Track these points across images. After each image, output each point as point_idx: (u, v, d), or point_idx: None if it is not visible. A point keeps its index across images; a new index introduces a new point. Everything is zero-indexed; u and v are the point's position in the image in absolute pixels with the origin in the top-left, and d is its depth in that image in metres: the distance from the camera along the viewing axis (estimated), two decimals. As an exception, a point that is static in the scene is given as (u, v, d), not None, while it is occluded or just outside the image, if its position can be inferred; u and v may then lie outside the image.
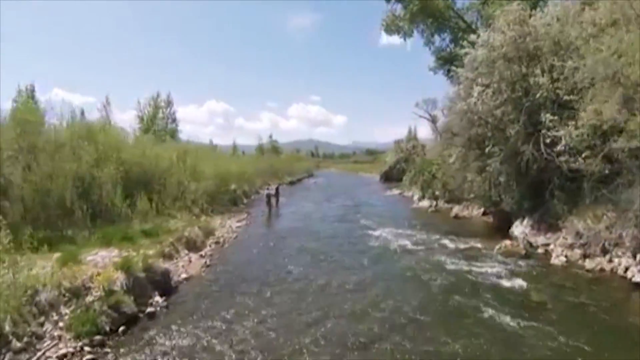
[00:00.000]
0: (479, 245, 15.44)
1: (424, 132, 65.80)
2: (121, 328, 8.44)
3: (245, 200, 29.59)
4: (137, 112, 37.73)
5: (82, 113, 21.22)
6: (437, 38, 30.30)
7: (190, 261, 13.49)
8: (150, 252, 11.88)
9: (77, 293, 8.79)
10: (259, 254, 15.06)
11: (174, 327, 8.61)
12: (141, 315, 9.20)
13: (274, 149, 72.67)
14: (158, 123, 39.42)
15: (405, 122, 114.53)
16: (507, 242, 15.28)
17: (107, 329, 8.25)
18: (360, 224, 20.82)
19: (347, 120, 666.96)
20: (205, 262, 13.54)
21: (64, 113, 17.21)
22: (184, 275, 12.02)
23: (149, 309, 9.42)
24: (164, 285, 10.73)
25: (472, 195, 20.02)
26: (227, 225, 20.00)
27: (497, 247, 14.65)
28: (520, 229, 16.21)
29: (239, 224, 20.76)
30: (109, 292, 8.97)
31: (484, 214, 21.64)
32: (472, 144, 18.23)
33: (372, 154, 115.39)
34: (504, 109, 16.04)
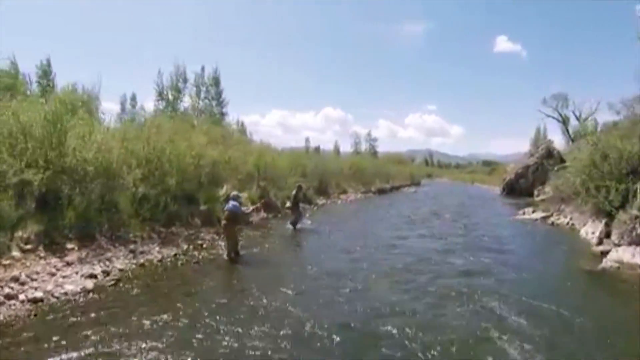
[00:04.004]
0: None
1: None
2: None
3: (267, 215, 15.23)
4: (156, 86, 25.39)
5: None
6: None
7: None
8: None
9: None
10: None
11: None
12: None
13: (372, 149, 57.56)
14: (199, 104, 27.19)
15: (525, 134, 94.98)
16: None
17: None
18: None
19: (464, 131, 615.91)
20: None
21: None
22: None
23: None
24: None
25: None
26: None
27: None
28: None
29: (71, 288, 6.52)
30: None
31: None
32: None
33: (489, 165, 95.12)
34: None
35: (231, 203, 9.61)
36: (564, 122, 51.63)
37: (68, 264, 7.61)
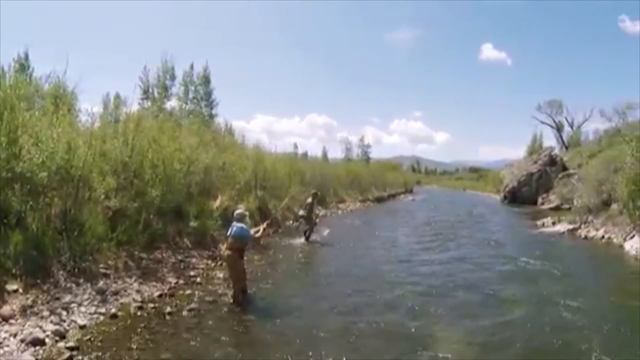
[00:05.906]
0: None
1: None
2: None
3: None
4: (141, 82, 22.63)
5: None
6: None
7: None
8: None
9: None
10: None
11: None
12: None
13: (365, 156, 55.12)
14: (187, 104, 24.48)
15: (511, 142, 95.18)
16: None
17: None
18: None
19: (449, 138, 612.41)
20: None
21: None
22: None
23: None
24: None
25: None
26: None
27: None
28: None
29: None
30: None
31: None
32: None
33: (476, 172, 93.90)
34: None
35: (236, 226, 6.96)
36: (558, 129, 50.25)
37: (4, 319, 5.08)
